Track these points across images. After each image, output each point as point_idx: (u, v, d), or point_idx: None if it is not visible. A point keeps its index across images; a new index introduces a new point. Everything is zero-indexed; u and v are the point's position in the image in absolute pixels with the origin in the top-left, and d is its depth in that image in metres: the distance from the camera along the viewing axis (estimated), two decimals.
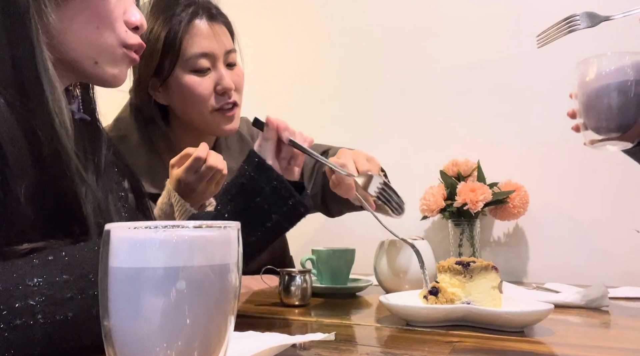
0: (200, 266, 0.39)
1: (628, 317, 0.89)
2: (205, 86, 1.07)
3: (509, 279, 1.28)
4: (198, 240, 0.39)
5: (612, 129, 0.80)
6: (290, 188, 0.73)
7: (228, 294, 0.40)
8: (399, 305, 0.78)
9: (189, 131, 1.15)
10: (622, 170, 1.41)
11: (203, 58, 1.06)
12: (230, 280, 0.41)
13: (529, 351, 0.62)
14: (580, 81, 0.83)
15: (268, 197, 0.72)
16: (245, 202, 0.72)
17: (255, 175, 0.72)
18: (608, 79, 0.79)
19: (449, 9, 1.62)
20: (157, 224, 0.38)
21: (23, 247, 0.55)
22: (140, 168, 1.08)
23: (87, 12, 0.63)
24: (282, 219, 0.73)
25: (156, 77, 1.08)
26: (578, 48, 1.46)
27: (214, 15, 1.09)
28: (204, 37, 1.06)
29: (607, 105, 0.79)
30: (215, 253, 0.40)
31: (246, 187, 0.72)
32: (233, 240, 0.42)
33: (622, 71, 0.78)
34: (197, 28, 1.06)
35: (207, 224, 0.40)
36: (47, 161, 0.59)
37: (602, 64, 0.80)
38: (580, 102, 0.84)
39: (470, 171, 1.45)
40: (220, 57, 1.09)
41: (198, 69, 1.06)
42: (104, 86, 0.70)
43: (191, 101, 1.07)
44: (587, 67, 0.82)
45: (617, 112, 0.79)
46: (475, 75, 1.57)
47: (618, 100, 0.79)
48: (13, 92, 0.57)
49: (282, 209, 0.72)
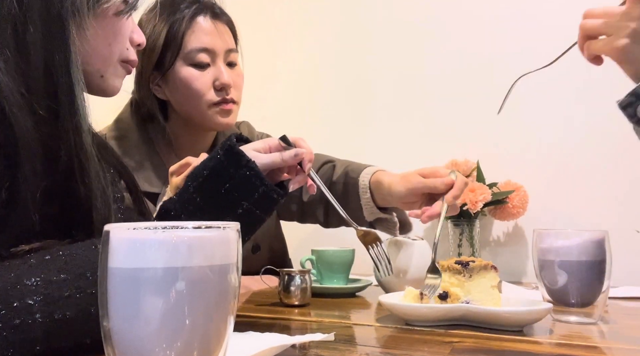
0: (199, 267, 0.39)
1: (627, 317, 0.89)
2: (203, 80, 1.08)
3: (508, 279, 1.28)
4: (197, 241, 0.39)
5: None
6: (260, 174, 0.72)
7: (227, 295, 0.41)
8: (399, 305, 0.78)
9: (188, 127, 1.15)
10: (622, 170, 1.41)
11: (203, 53, 1.07)
12: (230, 280, 0.41)
13: (528, 351, 0.62)
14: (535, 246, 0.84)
15: (237, 184, 0.71)
16: (215, 187, 0.71)
17: (225, 159, 0.72)
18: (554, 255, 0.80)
19: (449, 9, 1.63)
20: (156, 225, 0.38)
21: (20, 248, 0.55)
22: (140, 167, 1.08)
23: (106, 30, 0.67)
24: (253, 207, 0.72)
25: (157, 71, 1.09)
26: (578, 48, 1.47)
27: (217, 14, 1.11)
28: (205, 33, 1.07)
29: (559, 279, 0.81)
30: (214, 254, 0.40)
31: (215, 171, 0.72)
32: (232, 240, 0.42)
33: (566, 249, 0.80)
34: (200, 24, 1.08)
35: (207, 225, 0.40)
36: (66, 167, 0.60)
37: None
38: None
39: (470, 171, 1.45)
40: (221, 54, 1.10)
41: (197, 63, 1.07)
42: (102, 96, 0.73)
43: (189, 94, 1.08)
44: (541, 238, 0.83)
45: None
46: (475, 75, 1.57)
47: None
48: (42, 96, 0.59)
49: (253, 197, 0.72)
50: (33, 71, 0.58)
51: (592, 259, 0.79)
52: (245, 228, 0.74)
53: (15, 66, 0.57)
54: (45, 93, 0.59)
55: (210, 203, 0.72)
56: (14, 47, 0.57)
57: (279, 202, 0.75)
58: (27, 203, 0.56)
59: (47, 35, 0.59)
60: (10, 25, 0.57)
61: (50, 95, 0.59)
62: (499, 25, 1.56)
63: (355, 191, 1.10)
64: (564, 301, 0.80)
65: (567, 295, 0.80)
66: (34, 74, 0.58)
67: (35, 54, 0.58)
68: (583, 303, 0.79)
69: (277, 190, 0.73)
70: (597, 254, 0.80)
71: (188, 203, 0.72)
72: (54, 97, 0.59)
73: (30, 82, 0.58)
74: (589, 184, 1.44)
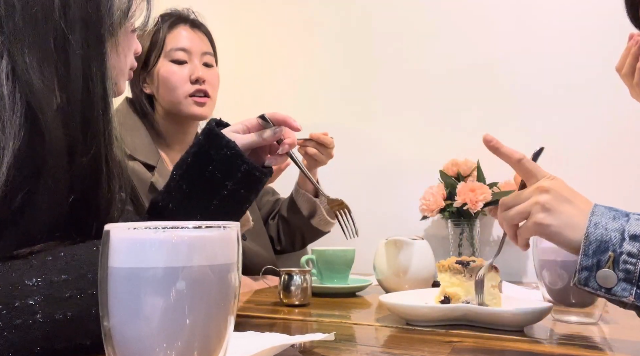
0: (200, 266, 0.39)
1: (628, 316, 0.89)
2: (181, 74, 1.26)
3: (508, 279, 1.28)
4: (198, 240, 0.39)
5: None
6: (241, 153, 0.74)
7: (228, 294, 0.41)
8: (399, 305, 0.78)
9: (170, 117, 1.29)
10: (622, 170, 1.41)
11: (180, 51, 1.27)
12: (230, 280, 0.41)
13: (529, 351, 0.62)
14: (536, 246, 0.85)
15: (219, 165, 0.73)
16: (199, 171, 0.74)
17: (205, 142, 0.75)
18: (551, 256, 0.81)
19: (450, 9, 1.62)
20: (157, 225, 0.38)
21: (22, 250, 0.56)
22: (132, 145, 1.19)
23: (127, 42, 0.72)
24: (237, 186, 0.74)
25: (143, 70, 1.27)
26: (578, 47, 1.47)
27: (195, 24, 1.32)
28: (183, 36, 1.29)
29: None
30: (215, 253, 0.40)
31: (198, 154, 0.75)
32: (233, 240, 0.42)
33: None
34: (179, 30, 1.30)
35: (207, 225, 0.40)
36: (92, 178, 0.62)
37: None
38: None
39: (470, 171, 1.45)
40: (197, 54, 1.29)
41: (176, 59, 1.26)
42: None
43: (169, 85, 1.26)
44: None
45: None
46: (475, 75, 1.57)
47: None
48: (78, 107, 0.61)
49: (236, 176, 0.74)
50: (72, 83, 0.61)
51: None
52: (233, 208, 0.76)
53: (56, 78, 0.60)
54: (81, 104, 0.62)
55: (196, 188, 0.74)
56: (55, 60, 0.60)
57: (263, 181, 0.77)
58: (42, 210, 0.57)
59: (86, 50, 0.62)
60: (52, 38, 0.60)
61: (86, 106, 0.62)
62: (500, 26, 1.56)
63: None
64: (565, 301, 0.80)
65: (568, 295, 0.80)
66: (73, 86, 0.61)
67: (75, 66, 0.61)
68: (583, 303, 0.79)
69: (259, 168, 0.75)
70: None
71: (175, 192, 0.74)
72: (90, 108, 0.62)
73: (69, 93, 0.61)
74: (589, 184, 1.43)
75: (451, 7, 1.62)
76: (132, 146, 1.18)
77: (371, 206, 1.63)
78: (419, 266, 1.02)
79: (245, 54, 1.36)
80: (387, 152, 1.65)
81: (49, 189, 0.57)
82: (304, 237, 1.40)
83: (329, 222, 1.34)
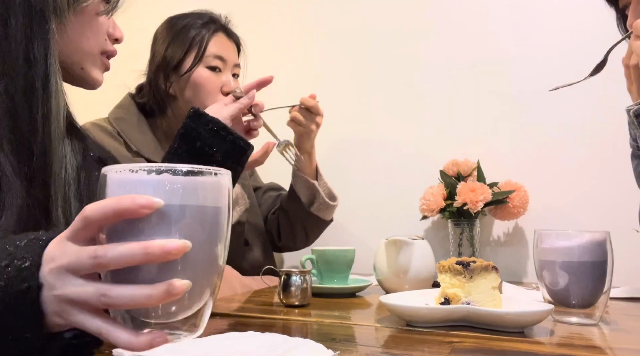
0: (192, 206, 0.42)
1: (628, 317, 0.89)
2: (215, 83, 1.26)
3: (508, 279, 1.28)
4: (190, 183, 0.42)
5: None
6: (225, 125, 0.85)
7: (220, 227, 0.44)
8: (399, 305, 0.78)
9: None
10: (622, 170, 1.41)
11: (218, 59, 1.27)
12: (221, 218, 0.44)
13: (529, 352, 0.62)
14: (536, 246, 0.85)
15: (206, 139, 0.83)
16: (187, 148, 0.82)
17: (191, 122, 0.85)
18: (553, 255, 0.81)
19: (450, 9, 1.62)
20: (151, 167, 0.41)
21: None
22: (139, 142, 1.21)
23: (85, 26, 0.72)
24: (225, 158, 0.82)
25: (175, 70, 1.26)
26: (578, 47, 1.46)
27: (229, 33, 1.34)
28: (222, 45, 1.30)
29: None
30: (206, 196, 0.43)
31: (185, 135, 0.84)
32: (224, 185, 0.45)
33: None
34: (219, 37, 1.30)
35: (199, 169, 0.43)
36: (38, 152, 0.63)
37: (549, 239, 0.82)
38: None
39: (470, 170, 1.45)
40: (230, 65, 1.30)
41: (212, 66, 1.26)
42: (85, 88, 0.79)
43: (202, 92, 1.25)
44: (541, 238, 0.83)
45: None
46: (475, 75, 1.57)
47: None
48: (20, 84, 0.62)
49: (224, 147, 0.83)
50: (14, 61, 0.62)
51: (593, 260, 0.79)
52: None
53: None
54: (24, 82, 0.62)
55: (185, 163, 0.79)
56: None
57: (247, 152, 0.88)
58: None
59: (29, 28, 0.63)
60: None
61: (28, 84, 0.63)
62: (501, 26, 1.56)
63: None
64: (565, 302, 0.80)
65: (568, 296, 0.80)
66: (15, 64, 0.62)
67: (17, 45, 0.62)
68: (584, 304, 0.79)
69: (244, 139, 0.87)
70: (599, 255, 0.80)
71: None
72: (32, 86, 0.63)
73: (10, 71, 0.62)
74: (589, 184, 1.44)
75: (451, 7, 1.62)
76: (139, 144, 1.19)
77: (371, 206, 1.63)
78: (419, 267, 1.02)
79: (244, 53, 1.36)
80: (387, 152, 1.65)
81: None
82: (306, 228, 1.39)
83: (330, 206, 1.34)
